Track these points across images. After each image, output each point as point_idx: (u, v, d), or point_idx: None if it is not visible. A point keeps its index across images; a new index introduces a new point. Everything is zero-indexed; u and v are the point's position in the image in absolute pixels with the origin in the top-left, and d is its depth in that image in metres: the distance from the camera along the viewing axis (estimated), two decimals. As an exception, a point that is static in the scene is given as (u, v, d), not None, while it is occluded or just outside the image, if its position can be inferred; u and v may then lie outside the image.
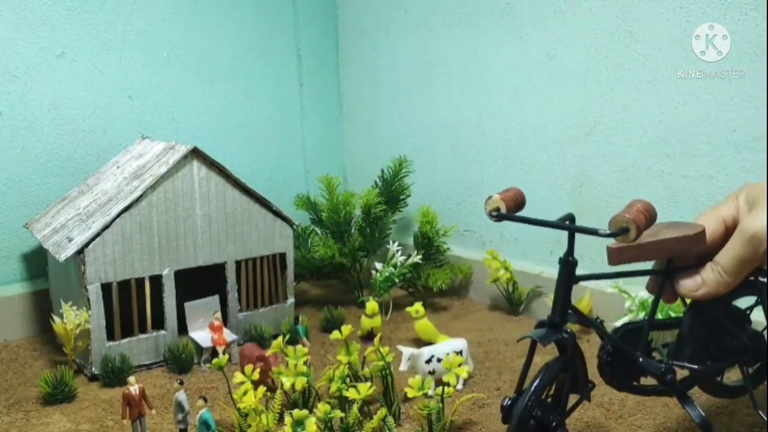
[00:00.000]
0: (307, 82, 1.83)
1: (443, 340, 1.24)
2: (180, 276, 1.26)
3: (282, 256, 1.39)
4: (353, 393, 0.96)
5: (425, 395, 0.98)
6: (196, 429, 0.95)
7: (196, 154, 1.24)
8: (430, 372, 1.09)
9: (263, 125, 1.77)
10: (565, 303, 0.74)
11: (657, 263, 0.80)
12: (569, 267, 0.73)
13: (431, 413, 0.95)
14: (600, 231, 0.68)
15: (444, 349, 1.11)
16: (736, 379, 0.85)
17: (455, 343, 1.14)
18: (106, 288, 1.19)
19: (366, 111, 1.85)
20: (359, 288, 1.57)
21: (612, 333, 0.79)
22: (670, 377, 0.76)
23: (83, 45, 1.47)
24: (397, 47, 1.72)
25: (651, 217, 0.68)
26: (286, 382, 1.01)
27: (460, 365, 1.00)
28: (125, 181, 1.27)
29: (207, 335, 1.25)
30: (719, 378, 0.83)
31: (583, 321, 0.77)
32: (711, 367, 0.80)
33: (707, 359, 0.79)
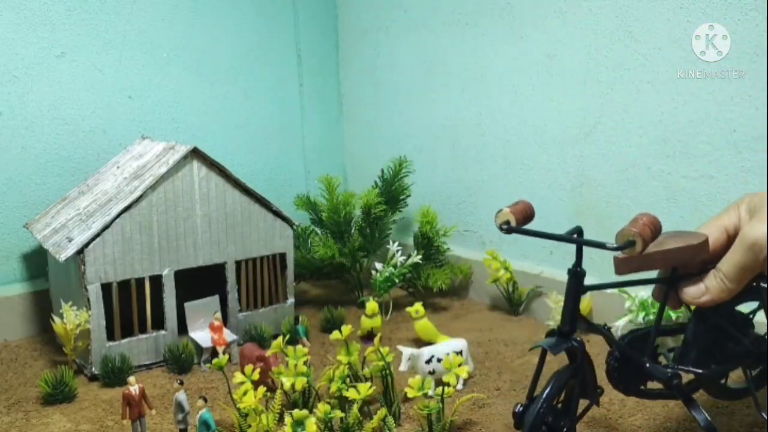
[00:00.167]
0: (307, 82, 1.83)
1: (443, 340, 1.24)
2: (180, 276, 1.26)
3: (282, 256, 1.39)
4: (353, 393, 0.96)
5: (425, 395, 0.98)
6: (196, 429, 0.95)
7: (196, 154, 1.24)
8: (430, 372, 1.09)
9: (263, 125, 1.77)
10: (574, 312, 0.76)
11: (662, 272, 0.82)
12: (577, 278, 0.76)
13: (431, 413, 0.95)
14: (607, 244, 0.71)
15: (444, 349, 1.11)
16: (739, 381, 0.87)
17: (455, 343, 1.14)
18: (106, 288, 1.19)
19: (366, 111, 1.85)
20: (359, 288, 1.57)
21: (619, 340, 0.81)
22: (676, 382, 0.79)
23: (83, 45, 1.47)
24: (397, 47, 1.72)
25: (656, 230, 0.70)
26: (286, 382, 1.01)
27: (460, 365, 1.00)
28: (125, 181, 1.27)
29: (207, 335, 1.25)
30: (723, 381, 0.85)
31: (592, 329, 0.80)
32: (715, 371, 0.82)
33: (711, 363, 0.82)
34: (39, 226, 1.33)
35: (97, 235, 1.17)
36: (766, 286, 0.78)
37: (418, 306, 1.30)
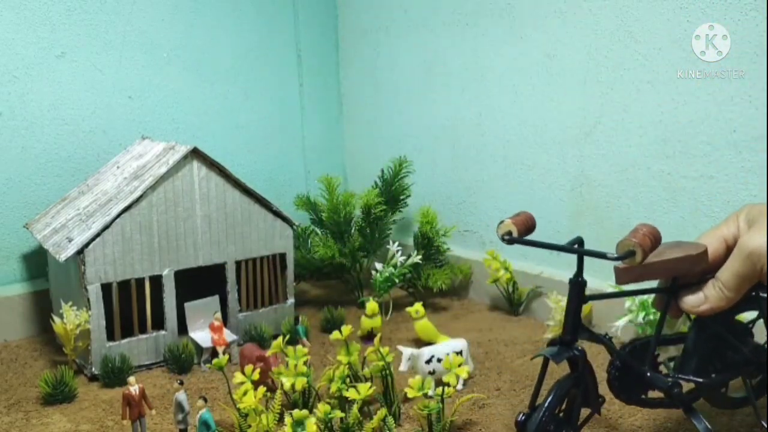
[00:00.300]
0: (307, 82, 1.83)
1: (443, 340, 1.24)
2: (180, 276, 1.26)
3: (282, 256, 1.39)
4: (353, 393, 0.96)
5: (425, 395, 0.98)
6: (196, 429, 0.95)
7: (196, 154, 1.24)
8: (430, 372, 1.09)
9: (263, 125, 1.76)
10: (576, 322, 0.77)
11: (662, 281, 0.83)
12: (579, 287, 0.77)
13: (431, 413, 0.95)
14: (608, 255, 0.71)
15: (444, 350, 1.11)
16: (739, 390, 0.87)
17: (455, 344, 1.14)
18: (106, 288, 1.19)
19: (366, 111, 1.85)
20: (359, 288, 1.57)
21: (620, 349, 0.83)
22: (676, 390, 0.80)
23: (83, 45, 1.47)
24: (397, 47, 1.71)
25: (656, 241, 0.71)
26: (286, 382, 1.01)
27: (460, 365, 1.00)
28: (125, 182, 1.27)
29: (207, 335, 1.25)
30: (723, 390, 0.86)
31: (594, 338, 0.81)
32: (715, 380, 0.83)
33: (711, 372, 0.83)
34: (39, 226, 1.33)
35: (97, 235, 1.17)
36: (766, 296, 0.79)
37: (418, 306, 1.30)
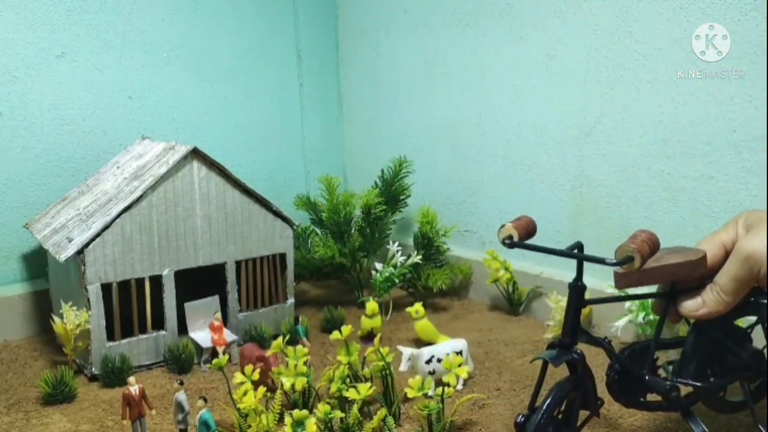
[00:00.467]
0: (307, 82, 1.83)
1: (443, 340, 1.24)
2: (180, 276, 1.26)
3: (282, 256, 1.39)
4: (353, 393, 0.96)
5: (425, 395, 0.98)
6: (196, 429, 0.95)
7: (196, 154, 1.24)
8: (430, 372, 1.09)
9: (263, 125, 1.76)
10: (575, 325, 0.78)
11: (661, 286, 0.84)
12: (578, 292, 0.78)
13: (431, 413, 0.95)
14: (607, 260, 0.72)
15: (444, 350, 1.11)
16: (737, 394, 0.88)
17: (455, 344, 1.14)
18: (106, 288, 1.19)
19: (366, 111, 1.84)
20: (359, 288, 1.57)
21: (619, 353, 0.83)
22: (675, 394, 0.81)
23: (83, 45, 1.47)
24: (397, 47, 1.71)
25: (655, 246, 0.72)
26: (286, 382, 1.01)
27: (460, 365, 1.00)
28: (125, 182, 1.27)
29: (207, 335, 1.25)
30: (722, 394, 0.87)
31: (593, 342, 0.81)
32: (714, 384, 0.83)
33: (710, 376, 0.83)
34: (39, 226, 1.33)
35: (97, 236, 1.17)
36: (765, 302, 0.79)
37: (418, 306, 1.30)
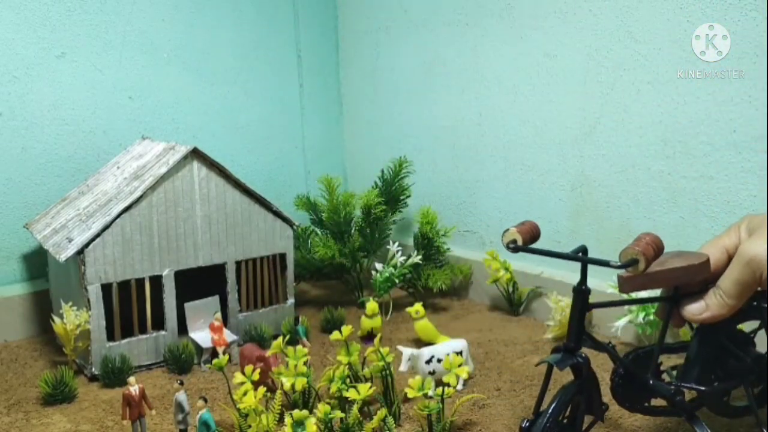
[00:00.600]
0: (307, 82, 1.83)
1: (443, 340, 1.24)
2: (180, 276, 1.26)
3: (282, 256, 1.39)
4: (353, 393, 0.96)
5: (425, 396, 0.98)
6: (196, 429, 0.95)
7: (196, 154, 1.24)
8: (430, 372, 1.09)
9: (263, 125, 1.76)
10: (580, 329, 0.78)
11: (664, 291, 0.84)
12: (583, 295, 0.78)
13: (431, 414, 0.95)
14: (611, 263, 0.72)
15: (444, 350, 1.11)
16: (741, 398, 0.88)
17: (455, 344, 1.14)
18: (106, 288, 1.19)
19: (366, 111, 1.84)
20: (359, 288, 1.57)
21: (624, 357, 0.83)
22: (679, 398, 0.81)
23: (83, 45, 1.47)
24: (397, 47, 1.71)
25: (659, 250, 0.72)
26: (286, 382, 1.01)
27: (460, 366, 1.00)
28: (125, 182, 1.27)
29: (207, 336, 1.25)
30: (725, 398, 0.87)
31: (597, 346, 0.81)
32: (717, 389, 0.83)
33: (714, 381, 0.83)
34: (39, 226, 1.33)
35: (97, 236, 1.17)
36: (766, 306, 0.80)
37: (418, 306, 1.29)
